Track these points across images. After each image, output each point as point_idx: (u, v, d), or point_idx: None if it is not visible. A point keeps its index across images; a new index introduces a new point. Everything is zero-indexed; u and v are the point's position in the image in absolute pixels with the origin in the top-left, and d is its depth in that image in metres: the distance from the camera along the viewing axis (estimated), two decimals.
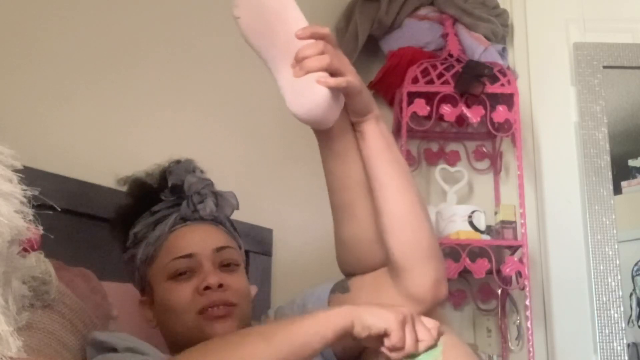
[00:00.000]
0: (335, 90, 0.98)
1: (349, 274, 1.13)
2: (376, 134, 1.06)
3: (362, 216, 1.08)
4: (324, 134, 1.06)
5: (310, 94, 0.97)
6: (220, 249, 1.10)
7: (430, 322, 0.88)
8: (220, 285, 1.05)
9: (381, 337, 0.85)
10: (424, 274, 1.02)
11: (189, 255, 1.07)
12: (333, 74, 0.98)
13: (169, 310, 1.06)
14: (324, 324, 0.86)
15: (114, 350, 0.96)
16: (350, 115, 1.05)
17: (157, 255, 1.09)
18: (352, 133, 1.07)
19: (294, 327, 0.86)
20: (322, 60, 0.97)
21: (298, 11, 1.03)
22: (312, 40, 0.99)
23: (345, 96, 1.01)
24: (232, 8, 1.09)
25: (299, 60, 0.98)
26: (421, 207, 1.06)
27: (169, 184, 1.12)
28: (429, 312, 0.99)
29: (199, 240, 1.10)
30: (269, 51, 1.04)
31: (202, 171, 1.18)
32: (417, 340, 0.85)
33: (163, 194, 1.13)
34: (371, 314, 0.85)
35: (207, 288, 1.04)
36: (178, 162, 1.17)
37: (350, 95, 1.01)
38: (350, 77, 0.99)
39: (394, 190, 1.04)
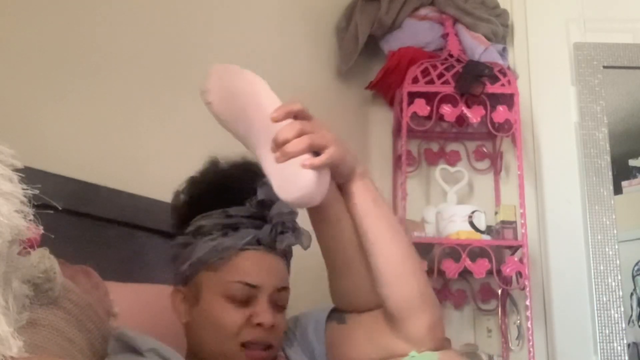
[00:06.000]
0: (320, 168, 0.97)
1: (344, 311, 1.14)
2: (362, 192, 1.05)
3: (356, 272, 1.08)
4: (313, 208, 1.05)
5: (297, 180, 0.95)
6: (281, 290, 1.08)
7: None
8: (272, 326, 1.05)
9: None
10: (418, 322, 1.02)
11: (254, 286, 1.05)
12: (315, 151, 0.97)
13: (212, 326, 1.04)
14: None
15: (135, 351, 0.96)
16: (336, 178, 1.03)
17: (220, 266, 1.06)
18: (341, 199, 1.06)
19: None
20: (302, 142, 0.95)
21: (270, 92, 1.02)
22: (288, 121, 0.98)
23: (330, 166, 1.00)
24: (201, 93, 1.08)
25: (279, 146, 0.96)
26: (412, 258, 1.06)
27: (260, 197, 1.09)
28: None
29: (267, 273, 1.07)
30: (248, 136, 1.04)
31: None
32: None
33: (248, 201, 1.09)
34: None
35: (259, 325, 1.03)
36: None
37: (335, 164, 1.00)
38: (332, 148, 0.97)
39: (383, 246, 1.04)
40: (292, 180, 0.96)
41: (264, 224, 1.09)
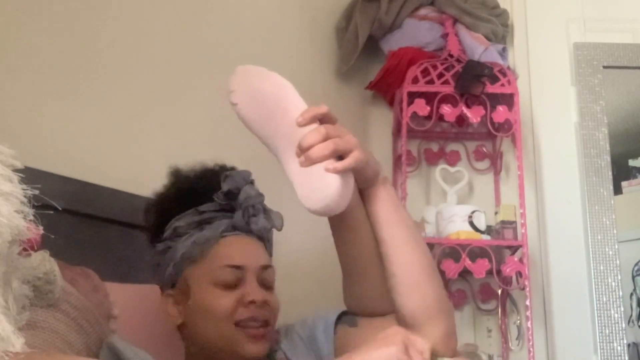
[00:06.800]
0: (345, 174, 0.96)
1: (356, 314, 1.14)
2: (384, 198, 1.05)
3: (372, 279, 1.08)
4: (335, 216, 1.06)
5: (323, 187, 0.95)
6: (265, 267, 1.11)
7: (422, 345, 0.84)
8: (264, 302, 1.06)
9: None
10: (433, 331, 1.02)
11: (240, 267, 1.07)
12: (340, 155, 0.97)
13: (206, 315, 1.05)
14: None
15: None
16: (359, 183, 1.04)
17: (203, 258, 1.08)
18: (362, 205, 1.07)
19: None
20: (327, 147, 0.95)
21: (297, 95, 1.02)
22: (314, 125, 0.98)
23: (354, 171, 1.00)
24: (228, 93, 1.07)
25: (303, 150, 0.97)
26: (430, 267, 1.06)
27: (225, 188, 1.11)
28: None
29: (249, 253, 1.10)
30: (272, 140, 1.03)
31: (252, 182, 1.18)
32: None
33: (216, 195, 1.12)
34: (373, 357, 0.81)
35: (252, 302, 1.05)
36: (232, 168, 1.17)
37: (359, 168, 1.00)
38: (356, 152, 0.98)
39: (402, 253, 1.04)
40: (317, 187, 0.96)
41: (235, 211, 1.11)
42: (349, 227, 1.08)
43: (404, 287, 1.03)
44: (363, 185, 1.05)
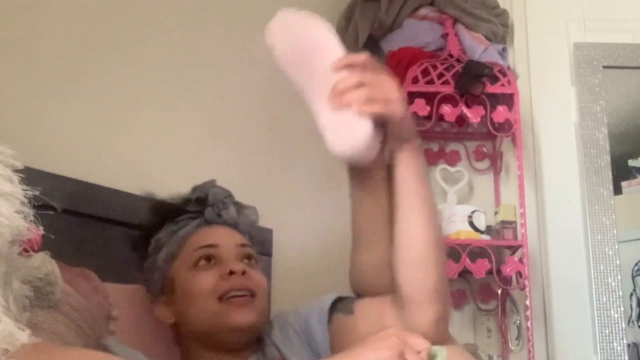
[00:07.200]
0: (376, 122, 0.95)
1: (359, 294, 1.13)
2: (410, 163, 1.02)
3: (379, 248, 1.07)
4: (357, 168, 1.06)
5: (352, 132, 0.94)
6: (242, 245, 1.15)
7: (420, 345, 0.81)
8: (244, 272, 1.09)
9: None
10: (426, 313, 1.01)
11: (214, 245, 1.12)
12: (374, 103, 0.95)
13: (191, 298, 1.08)
14: None
15: None
16: (390, 140, 1.01)
17: (180, 251, 1.13)
18: (384, 168, 1.05)
19: None
20: (361, 92, 0.94)
21: (337, 42, 1.00)
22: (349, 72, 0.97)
23: (389, 126, 0.98)
24: (266, 35, 1.06)
25: (336, 95, 0.95)
26: (438, 247, 1.03)
27: (194, 196, 1.18)
28: None
29: (222, 235, 1.15)
30: (306, 84, 1.02)
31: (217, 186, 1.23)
32: None
33: (188, 207, 1.18)
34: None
35: (231, 273, 1.08)
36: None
37: (391, 121, 0.98)
38: (392, 104, 0.96)
39: (414, 225, 1.02)
40: (346, 131, 0.94)
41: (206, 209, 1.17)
42: (367, 187, 1.07)
43: (408, 261, 1.01)
44: (395, 144, 1.02)
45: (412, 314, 1.02)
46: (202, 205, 1.18)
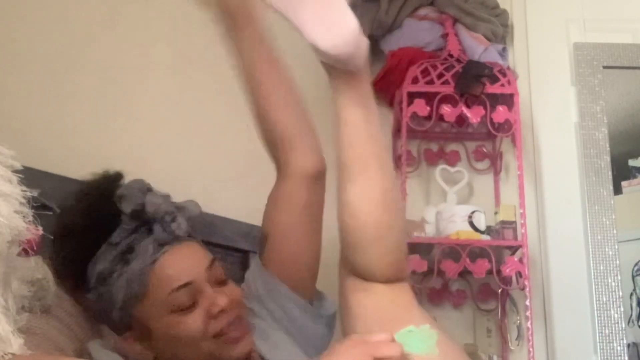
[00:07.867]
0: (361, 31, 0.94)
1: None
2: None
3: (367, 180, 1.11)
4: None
5: (341, 24, 0.93)
6: (210, 266, 1.05)
7: (389, 351, 0.79)
8: (230, 303, 1.03)
9: None
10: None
11: (188, 284, 1.01)
12: None
13: (180, 342, 1.00)
14: None
15: None
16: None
17: (146, 291, 1.01)
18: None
19: None
20: None
21: None
22: None
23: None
24: None
25: None
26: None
27: (127, 210, 1.03)
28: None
29: (189, 264, 1.03)
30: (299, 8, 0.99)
31: (150, 188, 1.08)
32: None
33: (122, 222, 1.03)
34: None
35: (220, 312, 1.02)
36: (118, 179, 1.07)
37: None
38: None
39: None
40: (333, 24, 0.93)
41: (151, 226, 1.04)
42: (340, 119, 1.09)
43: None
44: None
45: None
46: (139, 218, 1.03)
